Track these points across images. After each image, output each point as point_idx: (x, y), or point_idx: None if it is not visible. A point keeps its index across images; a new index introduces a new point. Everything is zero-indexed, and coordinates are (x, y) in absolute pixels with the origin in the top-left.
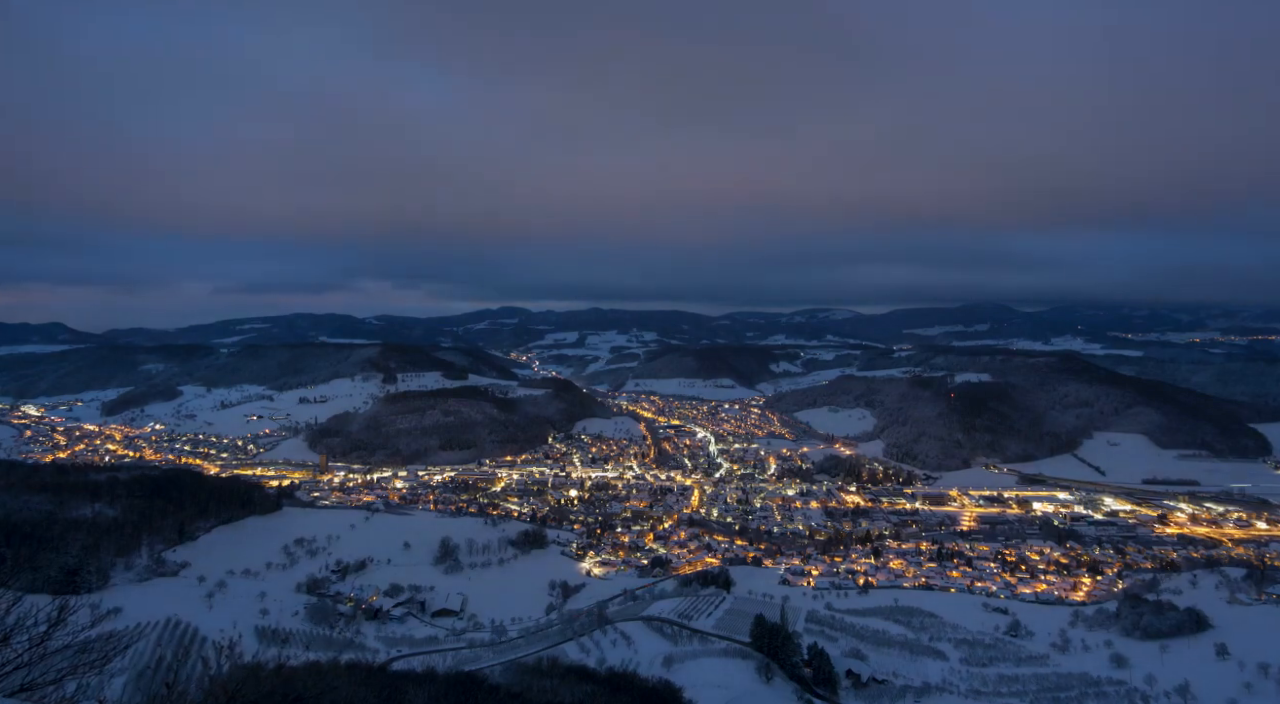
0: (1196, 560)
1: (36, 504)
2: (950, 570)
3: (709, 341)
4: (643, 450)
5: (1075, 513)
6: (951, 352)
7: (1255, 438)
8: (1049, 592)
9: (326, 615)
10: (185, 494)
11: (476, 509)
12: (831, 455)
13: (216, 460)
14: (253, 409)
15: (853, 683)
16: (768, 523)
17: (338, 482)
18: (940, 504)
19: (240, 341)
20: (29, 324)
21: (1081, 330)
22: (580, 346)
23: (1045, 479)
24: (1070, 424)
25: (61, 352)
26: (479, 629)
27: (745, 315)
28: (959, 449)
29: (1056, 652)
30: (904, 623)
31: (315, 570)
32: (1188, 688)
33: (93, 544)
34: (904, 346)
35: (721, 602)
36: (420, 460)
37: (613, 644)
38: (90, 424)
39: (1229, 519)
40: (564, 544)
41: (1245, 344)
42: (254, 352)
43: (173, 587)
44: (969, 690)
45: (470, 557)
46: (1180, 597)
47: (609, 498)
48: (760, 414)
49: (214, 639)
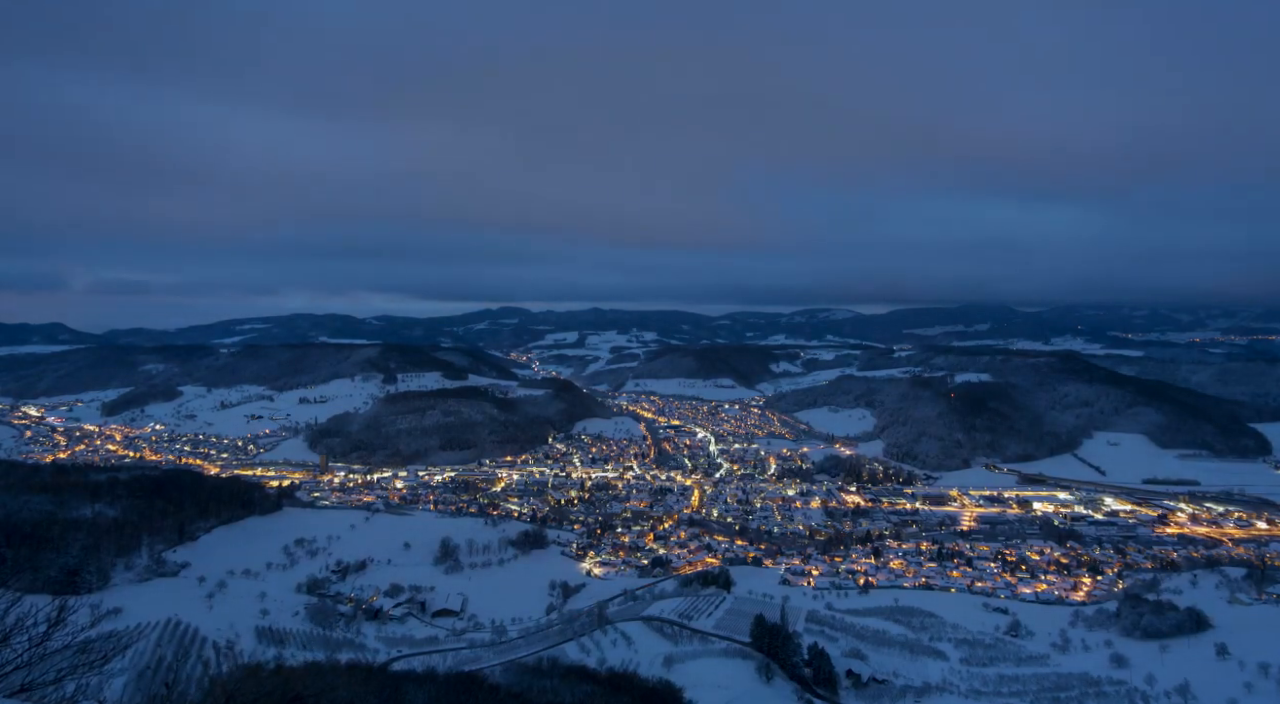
0: (1197, 560)
1: (36, 504)
2: (950, 570)
3: (709, 342)
4: (643, 450)
5: (1075, 513)
6: (951, 351)
7: (1255, 438)
8: (1049, 592)
9: (326, 616)
10: (185, 494)
11: (477, 509)
12: (831, 455)
13: (216, 461)
14: (253, 409)
15: (853, 683)
16: (768, 523)
17: (338, 482)
18: (940, 504)
19: (240, 342)
20: (29, 324)
21: (1081, 330)
22: (580, 347)
23: (1045, 479)
24: (1070, 424)
25: (61, 352)
26: (479, 629)
27: (745, 315)
28: (959, 449)
29: (1057, 652)
30: (904, 623)
31: (315, 571)
32: (1188, 688)
33: (93, 544)
34: (904, 347)
35: (722, 602)
36: (420, 460)
37: (613, 644)
38: (90, 424)
39: (1229, 519)
40: (564, 544)
41: (1245, 344)
42: (254, 352)
43: (173, 587)
44: (969, 690)
45: (470, 557)
46: (1180, 597)
47: (609, 498)
48: (760, 414)
49: (214, 639)
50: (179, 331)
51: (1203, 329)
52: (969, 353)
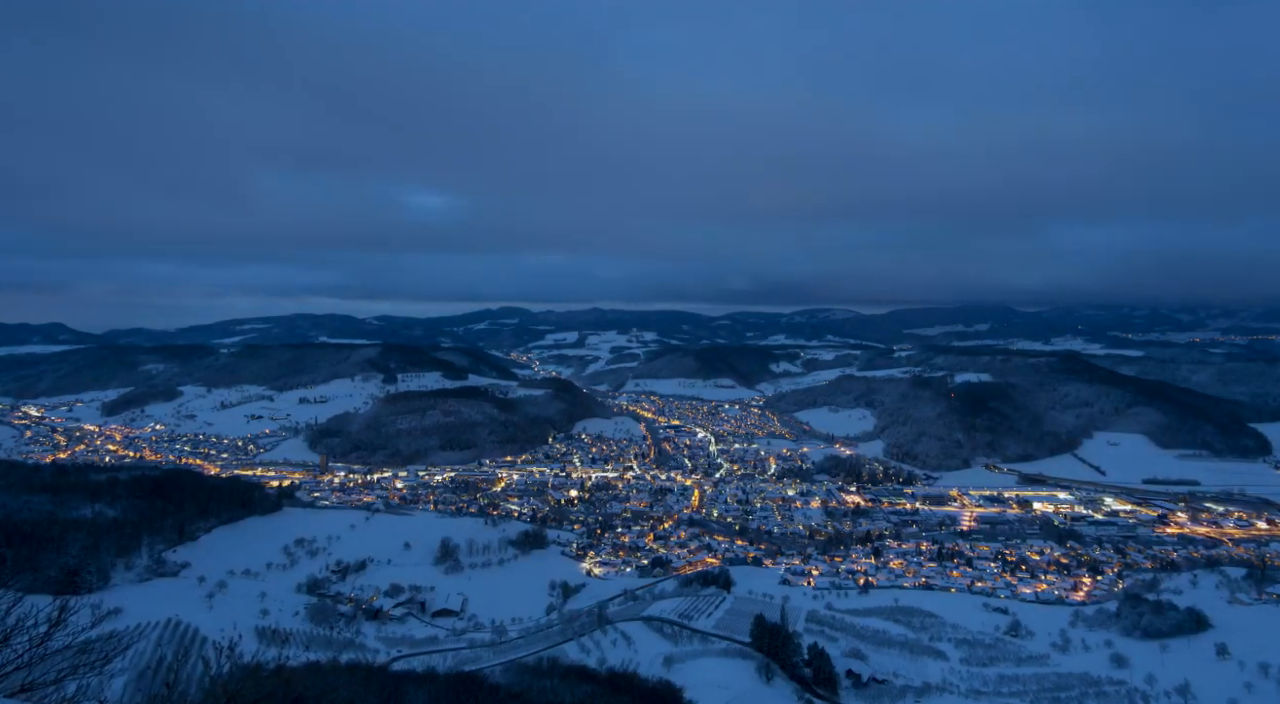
0: (1197, 560)
1: (37, 504)
2: (950, 570)
3: (709, 341)
4: (643, 450)
5: (1075, 513)
6: (951, 351)
7: (1255, 438)
8: (1049, 591)
9: (327, 616)
10: (185, 494)
11: (477, 509)
12: (831, 455)
13: (217, 461)
14: (253, 409)
15: (853, 683)
16: (768, 523)
17: (338, 482)
18: (940, 504)
19: (240, 342)
20: (29, 324)
21: (1081, 330)
22: (580, 347)
23: (1045, 479)
24: (1070, 424)
25: (62, 352)
26: (479, 629)
27: (745, 315)
28: (959, 449)
29: (1057, 652)
30: (904, 623)
31: (315, 571)
32: (1188, 688)
33: (93, 544)
34: (904, 346)
35: (722, 602)
36: (420, 460)
37: (613, 644)
38: (90, 424)
39: (1229, 519)
40: (564, 544)
41: (1245, 344)
42: (254, 352)
43: (173, 587)
44: (969, 690)
45: (470, 557)
46: (1180, 596)
47: (609, 498)
48: (760, 414)
49: (214, 639)
50: (179, 332)
51: (1203, 329)
52: (969, 353)
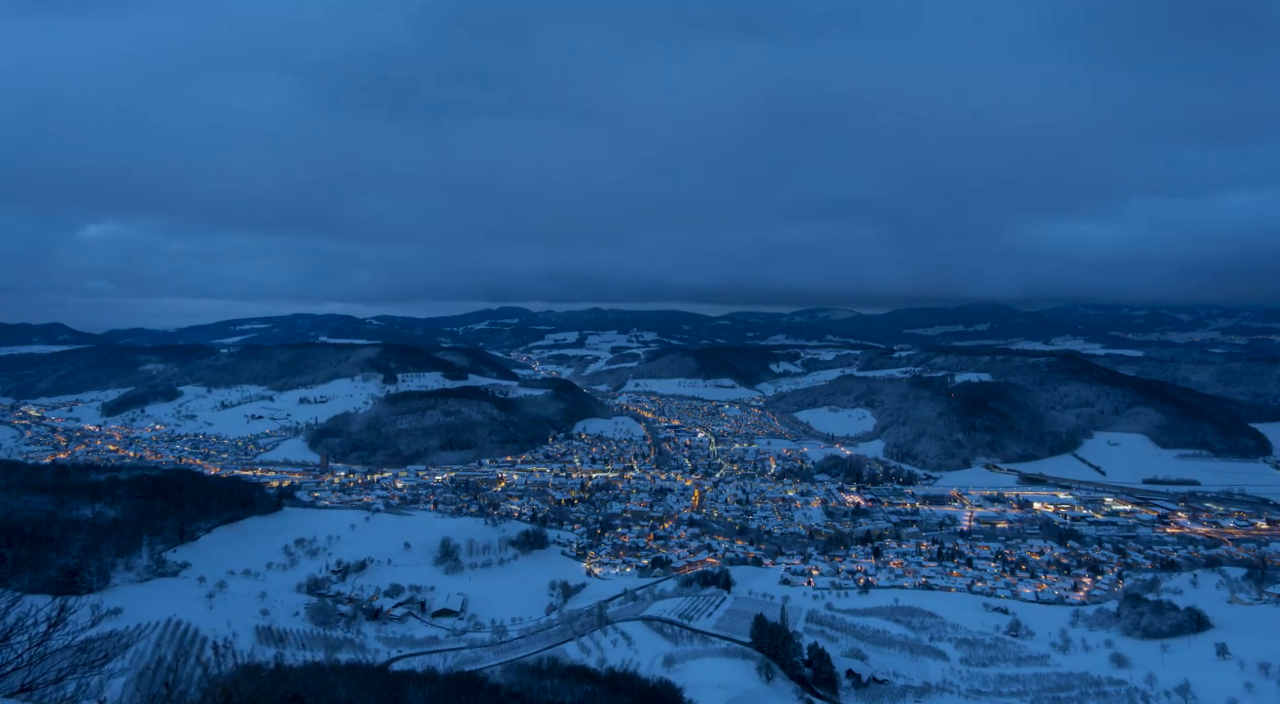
0: (1197, 560)
1: (37, 504)
2: (951, 570)
3: (709, 342)
4: (643, 451)
5: (1075, 513)
6: (951, 351)
7: (1255, 438)
8: (1049, 591)
9: (327, 616)
10: (185, 494)
11: (477, 509)
12: (831, 455)
13: (217, 461)
14: (253, 409)
15: (853, 683)
16: (768, 523)
17: (338, 482)
18: (940, 504)
19: (240, 342)
20: (29, 324)
21: (1081, 330)
22: (580, 347)
23: (1045, 479)
24: (1070, 424)
25: (62, 352)
26: (479, 629)
27: (745, 315)
28: (959, 449)
29: (1057, 651)
30: (904, 623)
31: (315, 571)
32: (1188, 688)
33: (93, 544)
34: (904, 347)
35: (722, 602)
36: (420, 460)
37: (613, 644)
38: (90, 425)
39: (1229, 519)
40: (564, 544)
41: (1245, 344)
42: (254, 352)
43: (173, 587)
44: (969, 690)
45: (471, 557)
46: (1180, 596)
47: (609, 498)
48: (760, 414)
49: (214, 639)
50: (179, 332)
51: (1203, 329)
52: (969, 353)
